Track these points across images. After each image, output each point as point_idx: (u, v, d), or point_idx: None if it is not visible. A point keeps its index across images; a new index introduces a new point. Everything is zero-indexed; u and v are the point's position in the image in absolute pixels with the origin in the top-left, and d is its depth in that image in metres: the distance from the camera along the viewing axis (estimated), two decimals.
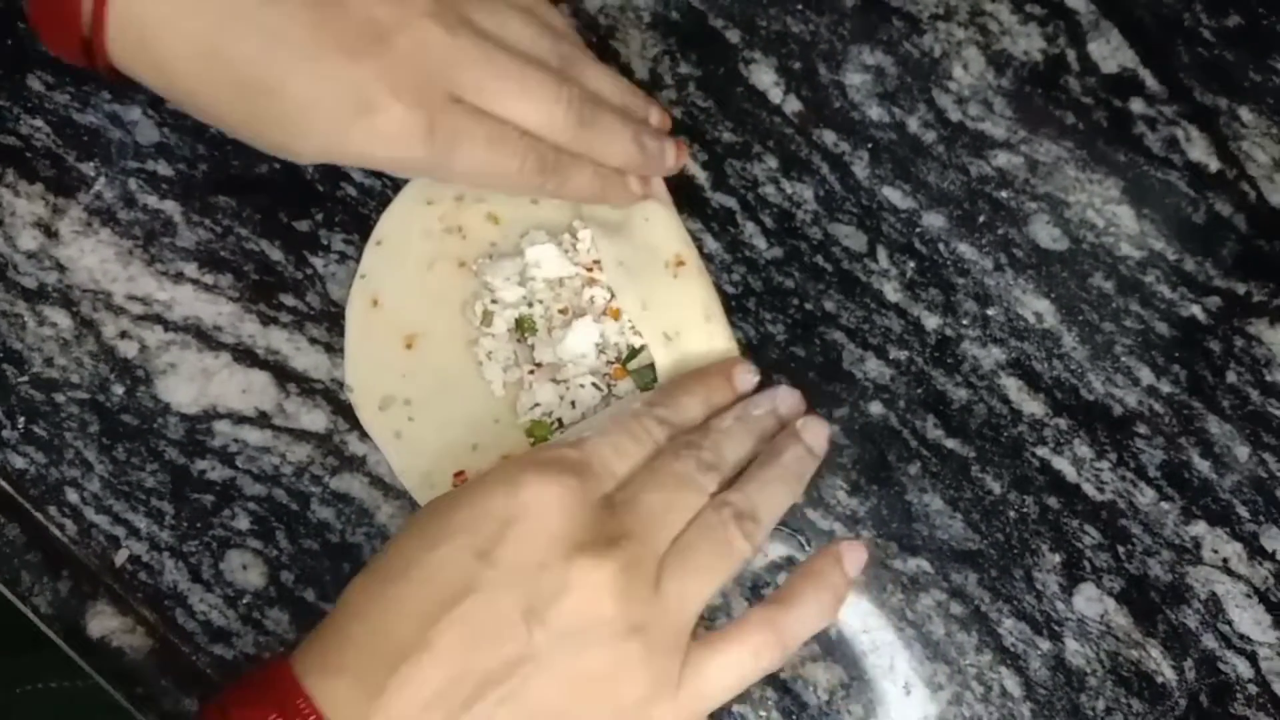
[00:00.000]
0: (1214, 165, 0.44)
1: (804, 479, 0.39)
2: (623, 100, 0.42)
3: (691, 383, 0.39)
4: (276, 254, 0.42)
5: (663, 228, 0.42)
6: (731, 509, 0.36)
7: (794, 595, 0.37)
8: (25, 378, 0.40)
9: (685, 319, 0.40)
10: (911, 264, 0.43)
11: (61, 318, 0.41)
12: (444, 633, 0.31)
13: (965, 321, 0.43)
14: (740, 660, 0.35)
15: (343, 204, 0.42)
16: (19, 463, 0.40)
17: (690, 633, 0.34)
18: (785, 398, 0.40)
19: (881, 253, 0.43)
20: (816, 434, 0.40)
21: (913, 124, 0.44)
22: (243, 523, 0.40)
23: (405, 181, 0.42)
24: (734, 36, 0.45)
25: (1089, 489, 0.41)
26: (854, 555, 0.39)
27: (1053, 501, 0.41)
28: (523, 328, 0.40)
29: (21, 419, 0.40)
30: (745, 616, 0.36)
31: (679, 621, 0.34)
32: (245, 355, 0.41)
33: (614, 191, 0.41)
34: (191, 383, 0.40)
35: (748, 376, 0.40)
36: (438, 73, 0.36)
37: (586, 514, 0.34)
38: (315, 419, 0.40)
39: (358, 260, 0.41)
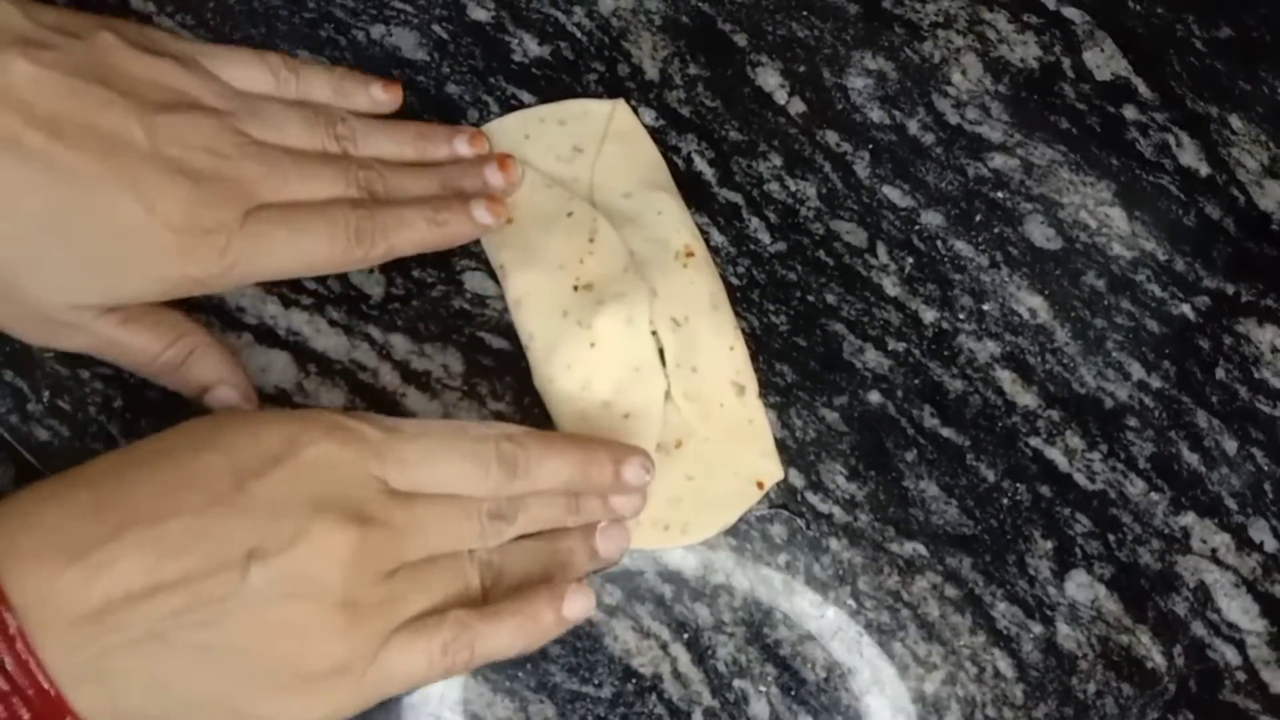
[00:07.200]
0: (1204, 170, 0.46)
1: (567, 570, 0.38)
2: (418, 148, 0.42)
3: (570, 446, 0.38)
4: None
5: (673, 220, 0.43)
6: (485, 559, 0.36)
7: (500, 614, 0.36)
8: (51, 353, 0.41)
9: (693, 307, 0.42)
10: (910, 260, 0.44)
11: None
12: (165, 532, 0.31)
13: (961, 316, 0.44)
14: (429, 654, 0.34)
15: None
16: (43, 435, 0.41)
17: (397, 629, 0.34)
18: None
19: (881, 249, 0.45)
20: (610, 545, 0.39)
21: (912, 126, 0.46)
22: None
23: None
24: (741, 40, 0.47)
25: (1080, 479, 0.42)
26: (576, 601, 0.37)
27: (1045, 490, 0.42)
28: None
29: (46, 392, 0.41)
30: (446, 615, 0.35)
31: (388, 618, 0.33)
32: (266, 335, 0.42)
33: (458, 228, 0.41)
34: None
35: (638, 472, 0.38)
36: (227, 195, 0.37)
37: (356, 487, 0.33)
38: (334, 398, 0.42)
39: None
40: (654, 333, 0.41)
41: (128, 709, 0.31)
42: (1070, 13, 0.47)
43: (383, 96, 0.43)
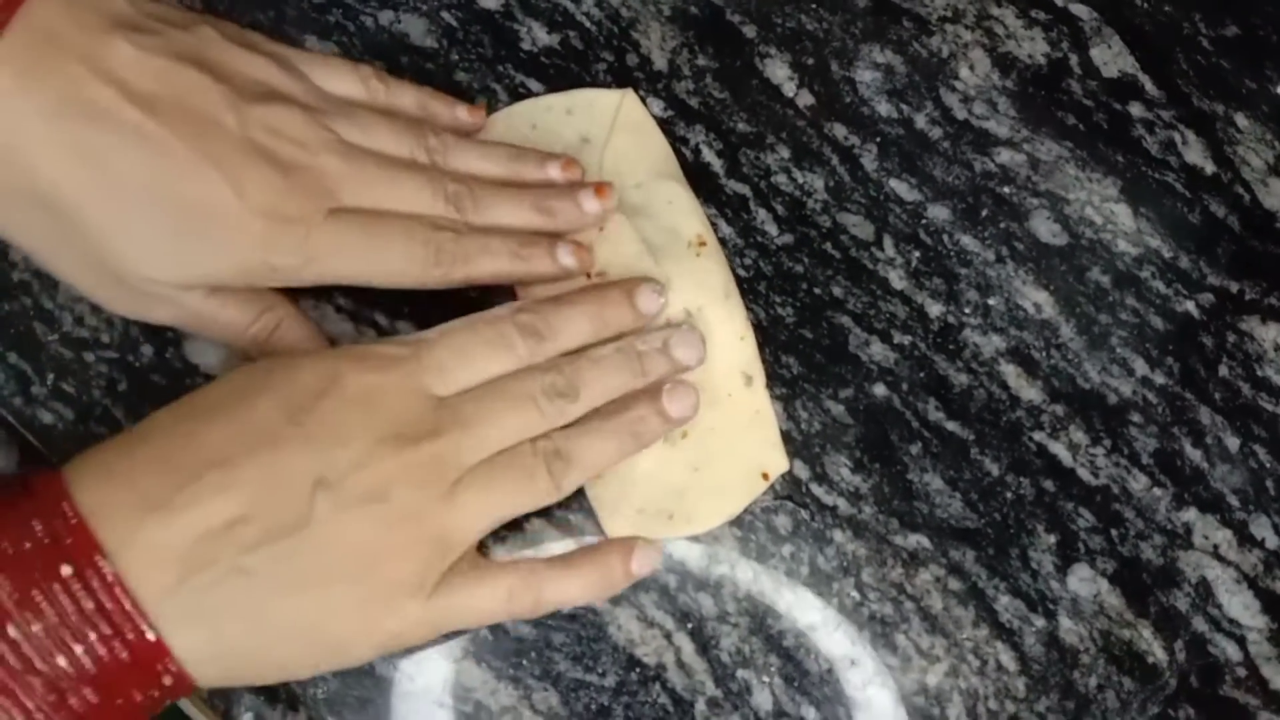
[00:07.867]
0: (1209, 168, 0.46)
1: (642, 439, 0.38)
2: (510, 168, 0.41)
3: (580, 296, 0.39)
4: None
5: (684, 210, 0.43)
6: (549, 447, 0.36)
7: (570, 565, 0.37)
8: (55, 336, 0.41)
9: (707, 296, 0.42)
10: (916, 253, 0.45)
11: None
12: (238, 473, 0.32)
13: (967, 310, 0.44)
14: (494, 595, 0.36)
15: None
16: (47, 418, 0.41)
17: (467, 547, 0.35)
18: (682, 339, 0.39)
19: (888, 242, 0.45)
20: (679, 404, 0.39)
21: (920, 120, 0.46)
22: None
23: None
24: (750, 32, 0.47)
25: (1084, 473, 0.43)
26: (645, 556, 0.38)
27: (1049, 484, 0.42)
28: None
29: (51, 375, 0.41)
30: (518, 561, 0.37)
31: (456, 531, 0.35)
32: None
33: (540, 266, 0.40)
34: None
35: (651, 297, 0.39)
36: (311, 192, 0.37)
37: (404, 406, 0.34)
38: None
39: None
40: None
41: (225, 648, 0.32)
42: (1078, 9, 0.48)
43: (467, 118, 0.43)
